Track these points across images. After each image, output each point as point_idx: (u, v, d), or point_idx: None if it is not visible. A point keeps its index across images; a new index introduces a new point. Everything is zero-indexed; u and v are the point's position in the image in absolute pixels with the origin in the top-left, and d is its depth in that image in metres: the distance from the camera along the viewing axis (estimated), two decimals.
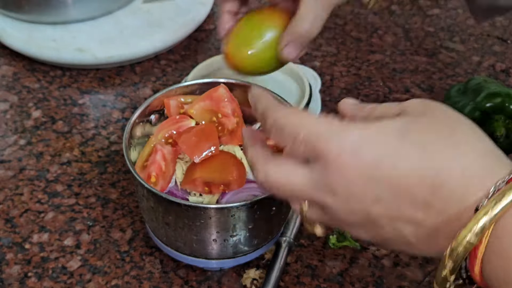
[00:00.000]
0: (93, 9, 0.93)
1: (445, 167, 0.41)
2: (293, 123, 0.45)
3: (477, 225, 0.40)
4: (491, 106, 0.74)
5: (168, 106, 0.66)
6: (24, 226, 0.70)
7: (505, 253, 0.39)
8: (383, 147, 0.42)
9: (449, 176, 0.41)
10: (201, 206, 0.58)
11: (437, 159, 0.41)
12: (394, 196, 0.42)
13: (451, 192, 0.41)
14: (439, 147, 0.42)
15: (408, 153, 0.42)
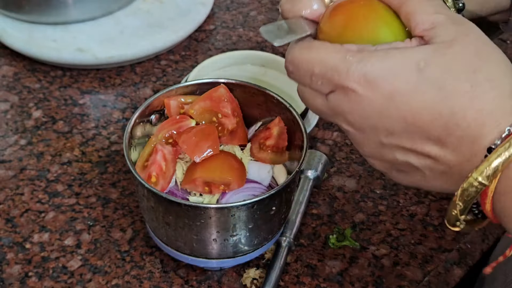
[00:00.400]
0: (93, 9, 0.93)
1: (460, 108, 0.41)
2: (308, 59, 0.44)
3: (489, 167, 0.40)
4: None
5: (168, 106, 0.66)
6: (24, 226, 0.70)
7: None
8: (399, 82, 0.41)
9: (464, 117, 0.41)
10: (201, 206, 0.58)
11: (454, 99, 0.41)
12: (408, 131, 0.42)
13: (465, 133, 0.41)
14: (459, 86, 0.41)
15: (424, 90, 0.41)
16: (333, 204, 0.73)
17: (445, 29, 0.43)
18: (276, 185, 0.65)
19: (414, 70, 0.41)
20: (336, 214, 0.72)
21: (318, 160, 0.74)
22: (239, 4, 1.04)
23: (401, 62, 0.42)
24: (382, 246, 0.69)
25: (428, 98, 0.41)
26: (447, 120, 0.41)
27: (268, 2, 1.05)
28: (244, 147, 0.66)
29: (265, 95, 0.67)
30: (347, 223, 0.71)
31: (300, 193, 0.71)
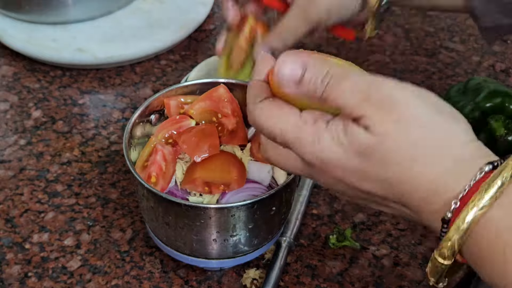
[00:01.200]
0: (93, 9, 0.93)
1: (406, 192, 0.43)
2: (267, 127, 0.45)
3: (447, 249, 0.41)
4: (491, 106, 0.74)
5: (168, 106, 0.66)
6: (24, 226, 0.70)
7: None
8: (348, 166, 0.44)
9: (412, 198, 0.43)
10: (201, 206, 0.58)
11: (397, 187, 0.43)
12: (368, 201, 0.46)
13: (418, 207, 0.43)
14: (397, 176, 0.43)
15: (370, 180, 0.44)
16: (333, 204, 0.73)
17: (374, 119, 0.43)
18: (276, 185, 0.64)
19: (357, 161, 0.43)
20: (336, 214, 0.72)
21: None
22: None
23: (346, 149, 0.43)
24: (382, 246, 0.69)
25: (374, 183, 0.44)
26: (398, 198, 0.44)
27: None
28: (244, 147, 0.66)
29: None
30: (347, 223, 0.71)
31: (300, 193, 0.71)
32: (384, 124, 0.42)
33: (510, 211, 0.40)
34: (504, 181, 0.40)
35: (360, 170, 0.43)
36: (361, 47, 0.95)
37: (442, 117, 0.44)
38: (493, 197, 0.40)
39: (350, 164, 0.43)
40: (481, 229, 0.40)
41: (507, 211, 0.40)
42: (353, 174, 0.44)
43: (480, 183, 0.41)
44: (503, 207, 0.40)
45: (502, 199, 0.40)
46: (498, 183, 0.40)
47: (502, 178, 0.41)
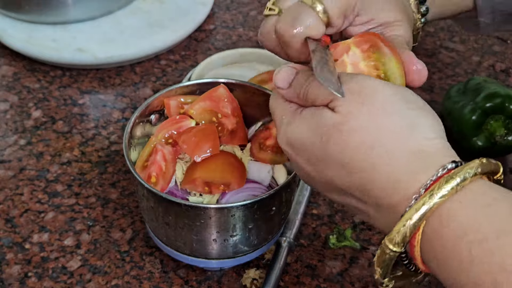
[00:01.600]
0: (93, 9, 0.93)
1: (366, 182, 0.43)
2: (270, 106, 0.51)
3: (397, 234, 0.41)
4: (491, 106, 0.74)
5: (168, 106, 0.66)
6: (24, 226, 0.70)
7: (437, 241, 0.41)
8: (310, 152, 0.46)
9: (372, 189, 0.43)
10: (201, 206, 0.58)
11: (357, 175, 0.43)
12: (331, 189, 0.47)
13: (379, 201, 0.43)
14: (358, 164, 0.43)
15: (330, 164, 0.45)
16: (333, 204, 0.73)
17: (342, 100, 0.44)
18: (276, 185, 0.64)
19: (318, 143, 0.45)
20: (336, 214, 0.72)
21: None
22: (239, 4, 1.04)
23: (310, 133, 0.46)
24: None
25: (335, 170, 0.45)
26: (358, 189, 0.44)
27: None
28: (244, 147, 0.66)
29: (265, 95, 0.66)
30: (347, 223, 0.71)
31: (300, 193, 0.71)
32: (350, 105, 0.44)
33: (474, 209, 0.40)
34: (466, 176, 0.40)
35: (323, 153, 0.44)
36: None
37: (410, 108, 0.44)
38: (453, 188, 0.40)
39: (314, 146, 0.45)
40: (444, 228, 0.40)
41: (471, 209, 0.40)
42: (317, 158, 0.45)
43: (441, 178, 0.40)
44: (466, 205, 0.40)
45: (465, 196, 0.40)
46: (461, 176, 0.40)
47: (464, 173, 0.40)
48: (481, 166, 0.41)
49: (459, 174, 0.40)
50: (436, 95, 0.87)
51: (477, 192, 0.40)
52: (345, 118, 0.43)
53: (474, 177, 0.41)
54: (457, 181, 0.40)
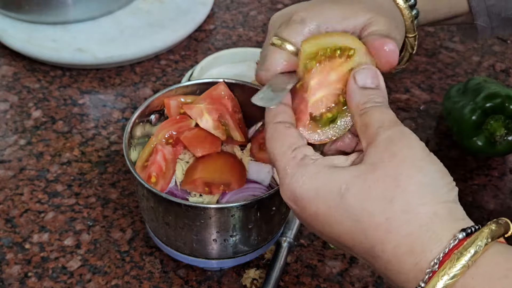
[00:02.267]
0: (93, 9, 0.93)
1: (378, 242, 0.41)
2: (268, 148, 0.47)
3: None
4: (491, 106, 0.74)
5: (168, 106, 0.66)
6: (24, 226, 0.70)
7: None
8: (321, 205, 0.43)
9: (383, 251, 0.41)
10: (201, 206, 0.58)
11: (371, 232, 0.42)
12: (340, 245, 0.45)
13: (388, 265, 0.42)
14: (374, 218, 0.41)
15: (343, 218, 0.43)
16: None
17: (376, 149, 0.43)
18: (276, 185, 0.64)
19: (336, 194, 0.43)
20: None
21: None
22: (239, 4, 1.04)
23: (327, 184, 0.43)
24: None
25: (347, 226, 0.43)
26: (368, 249, 0.42)
27: (268, 2, 1.05)
28: (244, 147, 0.66)
29: None
30: None
31: None
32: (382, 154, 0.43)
33: (489, 283, 0.39)
34: (477, 250, 0.39)
35: (337, 206, 0.43)
36: None
37: (434, 165, 0.43)
38: (465, 265, 0.39)
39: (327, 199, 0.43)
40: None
41: (483, 282, 0.39)
42: (329, 212, 0.43)
43: (453, 251, 0.39)
44: (480, 280, 0.39)
45: (478, 270, 0.39)
46: (471, 251, 0.39)
47: (475, 247, 0.39)
48: (491, 234, 0.40)
49: (469, 249, 0.39)
50: (436, 95, 0.87)
51: (490, 264, 0.39)
52: (374, 167, 0.42)
53: (485, 247, 0.40)
54: (469, 256, 0.39)
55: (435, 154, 0.44)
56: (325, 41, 0.49)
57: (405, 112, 0.85)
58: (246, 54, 0.87)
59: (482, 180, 0.76)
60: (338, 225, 0.43)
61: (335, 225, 0.43)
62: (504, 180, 0.77)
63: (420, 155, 0.43)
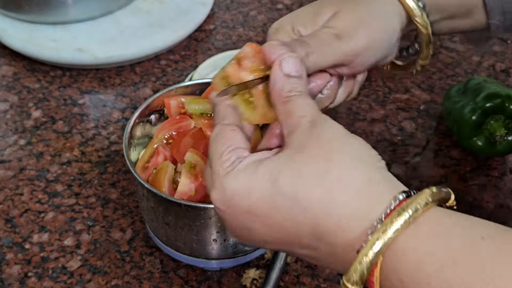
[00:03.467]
0: (93, 9, 0.93)
1: (320, 217, 0.41)
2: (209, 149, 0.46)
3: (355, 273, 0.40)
4: (491, 106, 0.74)
5: (169, 106, 0.66)
6: (24, 226, 0.70)
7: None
8: (254, 197, 0.42)
9: (327, 225, 0.41)
10: (201, 206, 0.58)
11: (310, 209, 0.41)
12: (279, 242, 0.43)
13: (334, 240, 0.41)
14: (311, 193, 0.41)
15: (280, 203, 0.41)
16: None
17: (301, 134, 0.43)
18: None
19: (267, 182, 0.42)
20: None
21: None
22: (239, 4, 1.04)
23: (256, 175, 0.42)
24: None
25: (285, 211, 0.41)
26: (312, 229, 0.41)
27: (268, 2, 1.05)
28: None
29: None
30: None
31: None
32: (304, 138, 0.43)
33: (428, 240, 0.39)
34: (418, 208, 0.39)
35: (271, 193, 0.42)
36: None
37: (358, 140, 0.44)
38: (406, 221, 0.39)
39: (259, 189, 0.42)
40: (400, 263, 0.39)
41: (425, 241, 0.39)
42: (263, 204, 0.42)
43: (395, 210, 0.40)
44: (421, 237, 0.39)
45: (419, 229, 0.39)
46: (412, 208, 0.39)
47: (415, 205, 0.39)
48: (431, 195, 0.40)
49: (410, 206, 0.39)
50: (436, 95, 0.87)
51: (430, 223, 0.39)
52: (301, 148, 0.42)
53: (426, 207, 0.40)
54: (409, 213, 0.39)
55: (435, 154, 0.44)
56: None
57: (405, 112, 0.85)
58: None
59: (482, 180, 0.76)
60: (275, 212, 0.42)
61: (272, 213, 0.42)
62: (504, 180, 0.77)
63: (343, 132, 0.43)
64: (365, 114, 0.84)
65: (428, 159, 0.77)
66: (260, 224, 0.43)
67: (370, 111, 0.84)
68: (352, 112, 0.84)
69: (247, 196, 0.42)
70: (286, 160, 0.42)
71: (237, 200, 0.43)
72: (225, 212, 0.44)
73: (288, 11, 1.03)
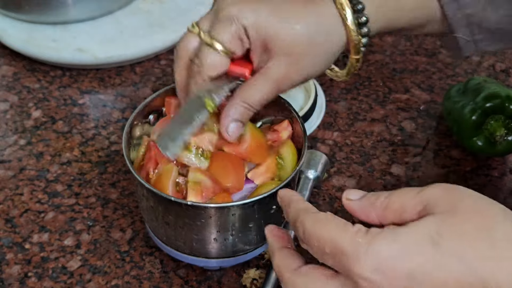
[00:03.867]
0: (93, 9, 0.93)
1: (490, 274, 0.38)
2: (319, 236, 0.43)
3: None
4: (491, 106, 0.74)
5: (169, 105, 0.66)
6: (24, 226, 0.70)
7: None
8: (416, 260, 0.39)
9: (497, 283, 0.38)
10: (201, 205, 0.58)
11: (479, 266, 0.38)
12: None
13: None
14: (479, 250, 0.38)
15: (445, 263, 0.38)
16: (333, 204, 0.73)
17: (439, 200, 0.41)
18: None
19: (429, 244, 0.39)
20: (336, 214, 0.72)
21: (318, 160, 0.73)
22: None
23: (413, 238, 0.39)
24: None
25: (451, 271, 0.38)
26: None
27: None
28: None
29: None
30: None
31: (300, 193, 0.71)
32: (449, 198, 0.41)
33: None
34: None
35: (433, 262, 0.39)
36: None
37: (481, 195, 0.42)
38: None
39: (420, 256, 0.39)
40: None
41: None
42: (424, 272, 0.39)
43: None
44: None
45: None
46: None
47: None
48: None
49: None
50: (436, 95, 0.87)
51: None
52: (453, 212, 0.40)
53: None
54: None
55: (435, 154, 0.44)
56: None
57: (405, 112, 0.85)
58: None
59: (482, 180, 0.76)
60: (440, 273, 0.38)
61: (437, 275, 0.38)
62: (504, 180, 0.77)
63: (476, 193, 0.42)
64: (365, 114, 0.84)
65: (428, 159, 0.77)
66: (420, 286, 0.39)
67: (370, 111, 0.84)
68: (352, 112, 0.84)
69: (407, 258, 0.39)
70: (443, 222, 0.39)
71: (395, 262, 0.39)
72: (378, 279, 0.39)
73: None
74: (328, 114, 0.84)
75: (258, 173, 0.62)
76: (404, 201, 0.42)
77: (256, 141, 0.62)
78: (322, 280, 0.43)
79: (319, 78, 0.89)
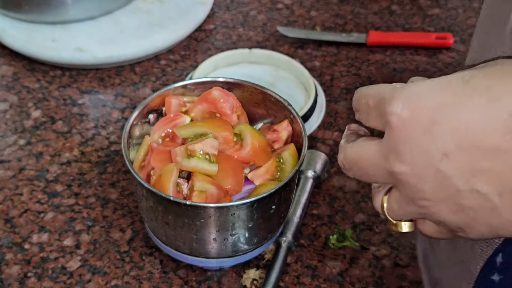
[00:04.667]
0: (92, 9, 0.93)
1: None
2: (365, 93, 0.44)
3: None
4: None
5: (169, 105, 0.66)
6: (23, 226, 0.70)
7: None
8: (443, 95, 0.38)
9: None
10: (201, 205, 0.58)
11: (506, 99, 0.36)
12: (462, 147, 0.38)
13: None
14: (508, 86, 0.37)
15: (472, 96, 0.37)
16: (333, 204, 0.73)
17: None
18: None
19: (459, 84, 0.39)
20: (336, 215, 0.72)
21: (318, 160, 0.73)
22: (239, 4, 1.04)
23: (446, 79, 0.39)
24: (382, 246, 0.69)
25: (477, 103, 0.37)
26: (504, 123, 0.37)
27: (268, 2, 1.05)
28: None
29: (263, 93, 0.66)
30: (347, 224, 0.71)
31: (300, 193, 0.71)
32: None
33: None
34: None
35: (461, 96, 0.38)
36: (361, 47, 0.95)
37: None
38: None
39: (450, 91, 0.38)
40: None
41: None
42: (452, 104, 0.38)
43: None
44: None
45: None
46: None
47: None
48: None
49: None
50: None
51: None
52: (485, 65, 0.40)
53: None
54: None
55: None
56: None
57: None
58: (242, 56, 0.87)
59: None
60: (466, 107, 0.37)
61: (463, 108, 0.38)
62: None
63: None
64: None
65: None
66: (446, 124, 0.38)
67: None
68: (352, 112, 0.84)
69: (438, 94, 0.39)
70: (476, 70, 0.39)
71: (430, 94, 0.39)
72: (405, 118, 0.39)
73: (288, 10, 1.03)
74: (328, 114, 0.84)
75: (258, 174, 0.62)
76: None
77: (257, 144, 0.62)
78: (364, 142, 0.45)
79: (319, 78, 0.89)
